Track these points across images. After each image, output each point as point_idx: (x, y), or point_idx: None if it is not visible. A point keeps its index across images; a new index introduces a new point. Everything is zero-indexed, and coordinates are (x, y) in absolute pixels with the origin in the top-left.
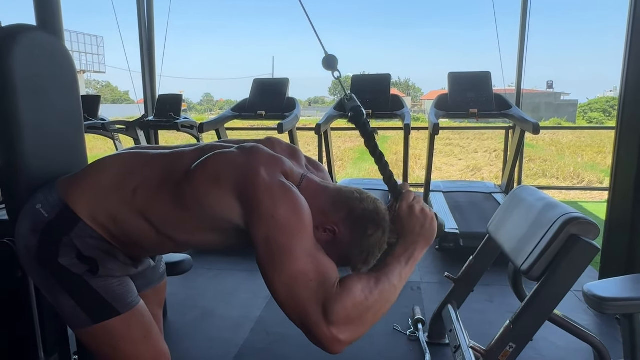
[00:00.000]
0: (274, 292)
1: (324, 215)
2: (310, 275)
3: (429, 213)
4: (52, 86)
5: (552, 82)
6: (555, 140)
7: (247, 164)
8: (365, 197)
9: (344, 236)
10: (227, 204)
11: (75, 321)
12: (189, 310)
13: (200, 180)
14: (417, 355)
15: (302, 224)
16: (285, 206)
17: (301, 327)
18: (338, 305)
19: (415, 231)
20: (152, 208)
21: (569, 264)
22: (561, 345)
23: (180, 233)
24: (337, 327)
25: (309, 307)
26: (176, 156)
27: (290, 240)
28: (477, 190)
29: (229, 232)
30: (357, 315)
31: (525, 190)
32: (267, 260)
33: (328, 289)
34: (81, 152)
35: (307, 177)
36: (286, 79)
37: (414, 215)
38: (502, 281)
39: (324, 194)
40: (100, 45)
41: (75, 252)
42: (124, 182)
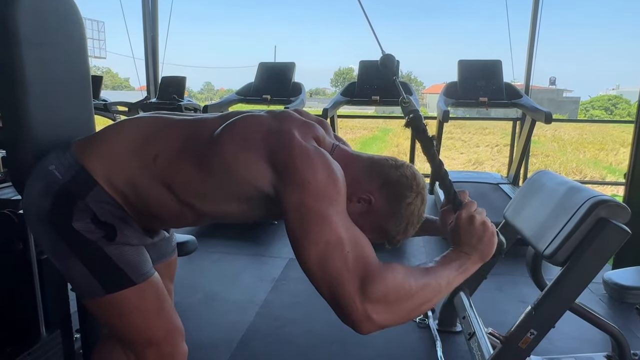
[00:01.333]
0: (305, 261)
1: (358, 185)
2: (347, 246)
3: (490, 227)
4: (58, 41)
5: (555, 79)
6: (557, 136)
7: (280, 127)
8: (401, 163)
9: (380, 206)
10: (257, 169)
11: (86, 291)
12: (192, 293)
13: (228, 143)
14: (427, 343)
15: (338, 192)
16: (322, 172)
17: (330, 300)
18: (379, 282)
19: (471, 243)
20: (174, 175)
21: (596, 248)
22: (575, 335)
23: (204, 202)
24: (372, 304)
25: (345, 277)
26: (200, 122)
27: (327, 207)
28: (484, 180)
29: (256, 200)
30: (396, 299)
31: (545, 174)
32: (299, 228)
33: (368, 262)
34: (89, 110)
35: (339, 146)
36: (292, 63)
37: (473, 227)
38: (511, 271)
39: (356, 162)
40: (101, 31)
41: (90, 216)
42: (144, 148)
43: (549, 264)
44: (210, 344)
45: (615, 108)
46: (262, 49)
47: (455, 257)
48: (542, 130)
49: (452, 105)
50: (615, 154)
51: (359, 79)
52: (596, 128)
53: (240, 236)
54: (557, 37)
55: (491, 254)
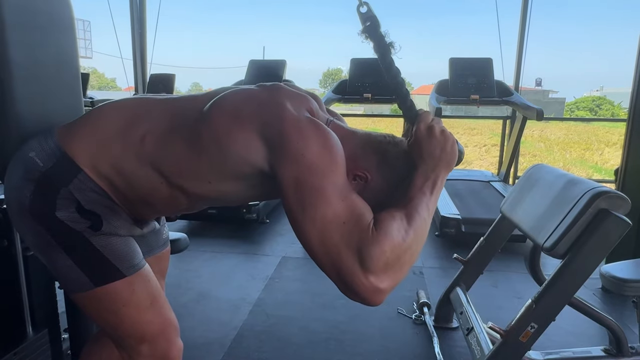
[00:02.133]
0: (306, 240)
1: (354, 161)
2: (342, 217)
3: (450, 135)
4: (45, 24)
5: (541, 80)
6: (544, 136)
7: (272, 99)
8: (399, 140)
9: (376, 183)
10: (250, 144)
11: (73, 284)
12: (184, 292)
13: (219, 118)
14: (424, 339)
15: (334, 162)
16: (316, 143)
17: (337, 280)
18: (376, 250)
19: (435, 155)
20: (163, 156)
21: (598, 240)
22: (571, 330)
23: (195, 183)
24: (376, 274)
25: (343, 253)
26: (188, 99)
27: (322, 181)
28: (475, 178)
29: (251, 178)
30: (396, 258)
31: (541, 168)
32: (296, 205)
33: (362, 231)
34: (77, 97)
35: (333, 121)
36: (283, 60)
37: (433, 137)
38: (506, 267)
39: (352, 138)
40: (87, 30)
41: (75, 205)
42: (130, 129)
43: (546, 259)
44: (204, 343)
45: (599, 109)
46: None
47: (424, 178)
48: (530, 131)
49: (444, 103)
50: (601, 154)
51: (350, 77)
52: (582, 128)
53: (232, 235)
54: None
55: (454, 161)
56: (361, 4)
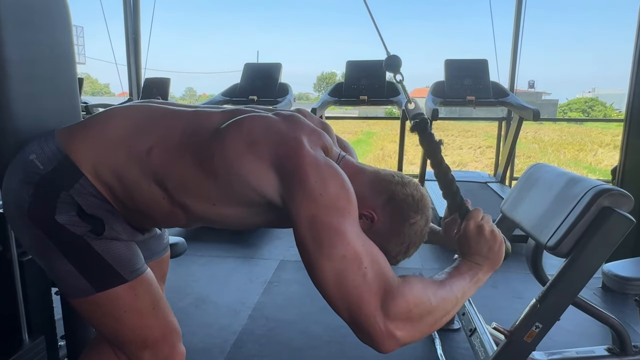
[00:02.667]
0: (320, 278)
1: (361, 200)
2: (364, 262)
3: (499, 236)
4: (40, 22)
5: (534, 82)
6: (538, 137)
7: (289, 133)
8: (407, 181)
9: (382, 224)
10: (261, 173)
11: (73, 289)
12: (182, 297)
13: (234, 141)
14: (426, 341)
15: (351, 204)
16: (333, 184)
17: (349, 320)
18: (400, 299)
19: (482, 253)
20: (169, 171)
21: (601, 238)
22: (572, 329)
23: (199, 203)
24: (395, 322)
25: (365, 296)
26: (202, 115)
27: (341, 222)
28: (472, 179)
29: (257, 207)
30: (418, 315)
31: (541, 167)
32: (312, 243)
33: (388, 279)
34: (74, 98)
35: (343, 156)
36: (278, 63)
37: (482, 237)
38: (505, 268)
39: (361, 176)
40: (80, 36)
41: (76, 209)
42: (136, 138)
43: (548, 258)
44: (203, 348)
45: (591, 110)
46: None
47: (468, 269)
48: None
49: (440, 104)
50: (594, 154)
51: (346, 79)
52: (575, 130)
53: (229, 239)
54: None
55: (500, 262)
56: (409, 101)
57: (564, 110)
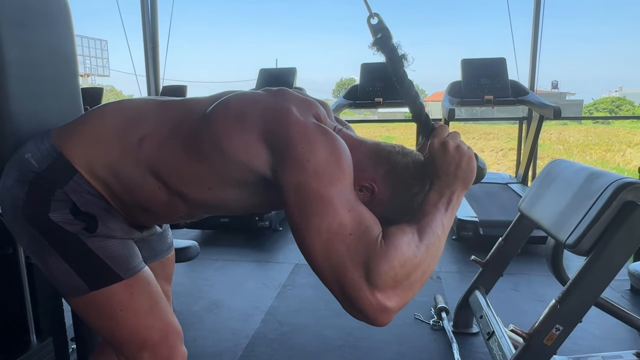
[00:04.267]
0: (308, 250)
1: (361, 172)
2: (349, 228)
3: (466, 150)
4: (40, 23)
5: (557, 82)
6: (563, 139)
7: (277, 104)
8: (409, 151)
9: (384, 195)
10: (253, 149)
11: (68, 288)
12: (195, 300)
13: (222, 121)
14: (443, 345)
15: (342, 170)
16: (323, 149)
17: (340, 296)
18: (384, 265)
19: (450, 172)
20: (162, 160)
21: (624, 234)
22: (599, 334)
23: (195, 189)
24: (383, 291)
25: (349, 268)
26: (191, 102)
27: (328, 188)
28: (492, 181)
29: (252, 186)
30: (406, 275)
31: (560, 163)
32: (299, 212)
33: (370, 244)
34: (76, 99)
35: (342, 130)
36: (293, 68)
37: (447, 153)
38: (527, 270)
39: (360, 147)
40: (104, 49)
41: (69, 206)
42: (128, 131)
43: (569, 257)
44: (216, 352)
45: (619, 110)
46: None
47: (439, 196)
48: (547, 134)
49: (457, 104)
50: (622, 155)
51: (361, 82)
52: (602, 130)
53: (244, 243)
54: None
55: (472, 178)
56: (372, 16)
57: (589, 111)
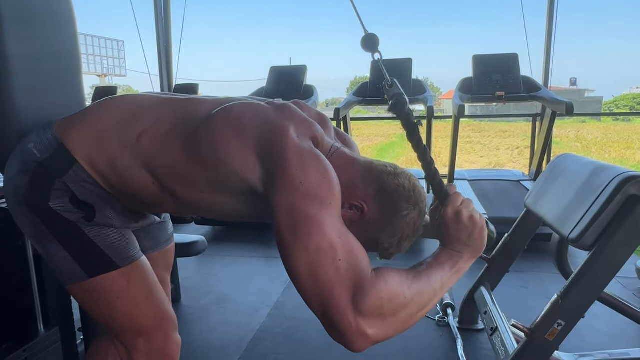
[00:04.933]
0: (294, 269)
1: (352, 190)
2: (339, 254)
3: (479, 221)
4: (43, 18)
5: (576, 79)
6: (581, 136)
7: (277, 121)
8: (401, 172)
9: (373, 215)
10: (247, 161)
11: (67, 275)
12: (203, 295)
13: (221, 127)
14: (447, 342)
15: (332, 195)
16: (316, 173)
17: (321, 315)
18: (372, 294)
19: (461, 240)
20: (158, 157)
21: (628, 229)
22: (607, 332)
23: (186, 190)
24: (366, 319)
25: (336, 290)
26: (194, 102)
27: (320, 211)
28: (504, 178)
29: (242, 195)
30: (391, 311)
31: (567, 157)
32: (289, 232)
33: (361, 273)
34: (78, 93)
35: (337, 148)
36: (304, 66)
37: (461, 223)
38: (536, 267)
39: (353, 166)
40: (121, 49)
41: (69, 195)
42: (128, 125)
43: (576, 252)
44: (221, 345)
45: None
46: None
47: (447, 257)
48: (565, 131)
49: (468, 101)
50: None
51: (371, 79)
52: (621, 127)
53: (254, 239)
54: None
55: (483, 248)
56: (388, 81)
57: (609, 108)
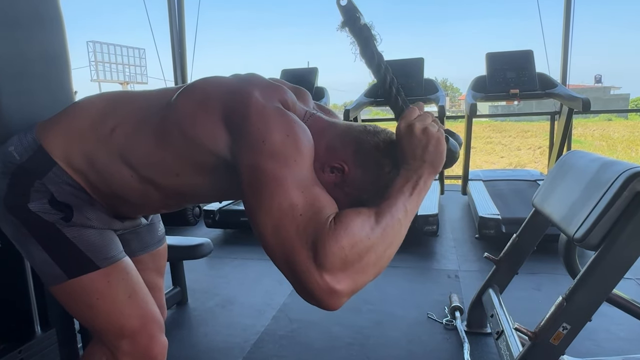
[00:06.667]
0: (259, 231)
1: (332, 152)
2: (299, 209)
3: (434, 133)
4: (30, 21)
5: (601, 77)
6: (606, 134)
7: (240, 87)
8: (381, 130)
9: (354, 174)
10: (213, 131)
11: (48, 276)
12: (210, 297)
13: (185, 104)
14: (454, 345)
15: (298, 152)
16: (280, 131)
17: (291, 278)
18: (332, 245)
19: (416, 156)
20: (132, 148)
21: (635, 227)
22: (624, 336)
23: (163, 176)
24: (331, 273)
25: (297, 248)
26: (163, 92)
27: (283, 169)
28: (520, 178)
29: (217, 170)
30: (357, 257)
31: (574, 154)
32: (252, 194)
33: (319, 224)
34: (67, 94)
35: (313, 114)
36: (314, 68)
37: (414, 136)
38: (551, 269)
39: (331, 129)
40: (142, 57)
41: (48, 197)
42: (102, 122)
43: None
44: (225, 347)
45: None
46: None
47: (405, 179)
48: (589, 130)
49: (480, 99)
50: None
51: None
52: None
53: None
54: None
55: (442, 162)
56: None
57: (638, 105)
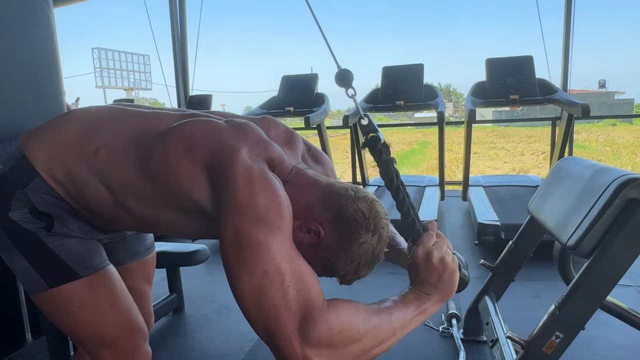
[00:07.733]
0: (240, 294)
1: (310, 213)
2: (287, 279)
3: (450, 264)
4: (19, 31)
5: (605, 82)
6: (610, 140)
7: (229, 141)
8: (362, 196)
9: (329, 240)
10: (196, 180)
11: (30, 285)
12: (207, 303)
13: (174, 145)
14: (450, 353)
15: (282, 219)
16: (264, 196)
17: (267, 340)
18: (321, 323)
19: (431, 283)
20: (113, 172)
21: (628, 234)
22: (623, 344)
23: (139, 205)
24: (313, 348)
25: (282, 315)
26: (156, 116)
27: (267, 235)
28: (520, 183)
29: (194, 213)
30: (342, 343)
31: (570, 161)
32: (235, 256)
33: (310, 300)
34: (58, 104)
35: (299, 169)
36: (315, 74)
37: (431, 264)
38: (550, 276)
39: (312, 188)
40: (147, 64)
41: (29, 206)
42: (87, 138)
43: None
44: (219, 354)
45: None
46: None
47: (414, 297)
48: (594, 135)
49: (480, 105)
50: None
51: (382, 85)
52: None
53: None
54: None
55: (453, 292)
56: (362, 117)
57: None
